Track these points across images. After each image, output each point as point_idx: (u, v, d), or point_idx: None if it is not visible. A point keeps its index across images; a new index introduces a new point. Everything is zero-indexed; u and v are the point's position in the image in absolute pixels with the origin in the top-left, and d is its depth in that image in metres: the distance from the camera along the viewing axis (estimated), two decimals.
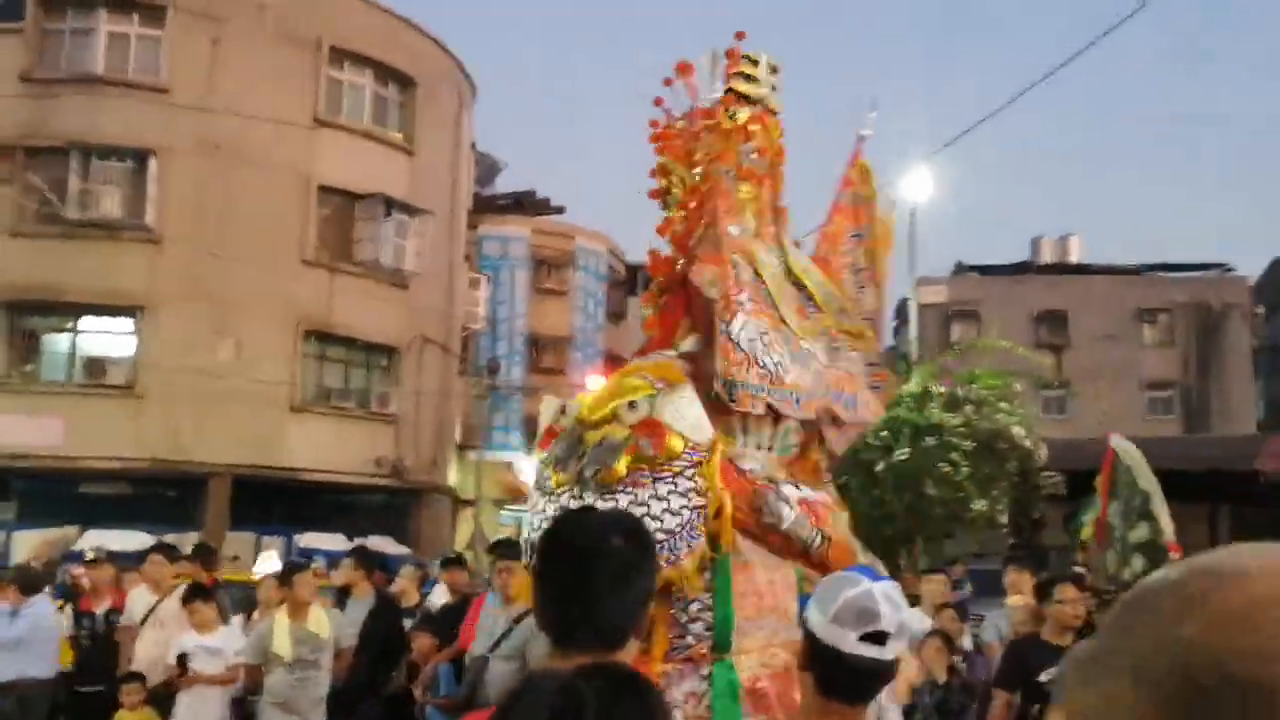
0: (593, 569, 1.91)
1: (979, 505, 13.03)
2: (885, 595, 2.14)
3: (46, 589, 8.59)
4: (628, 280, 34.80)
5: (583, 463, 3.36)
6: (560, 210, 34.76)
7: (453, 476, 25.40)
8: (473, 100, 26.64)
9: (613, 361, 33.31)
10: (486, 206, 31.85)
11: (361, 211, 21.86)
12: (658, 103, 3.90)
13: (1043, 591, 5.61)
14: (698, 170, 3.80)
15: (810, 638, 2.17)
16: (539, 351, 32.61)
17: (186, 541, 12.25)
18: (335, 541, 18.14)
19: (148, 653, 7.80)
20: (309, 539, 18.83)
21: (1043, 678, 4.88)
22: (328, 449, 20.44)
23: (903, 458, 12.75)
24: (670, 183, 3.93)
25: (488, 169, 33.53)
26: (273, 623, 7.04)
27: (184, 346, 19.19)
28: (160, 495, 19.99)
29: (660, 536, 3.10)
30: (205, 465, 19.20)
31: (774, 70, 3.96)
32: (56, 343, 20.32)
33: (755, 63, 3.90)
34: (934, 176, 19.93)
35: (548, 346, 32.61)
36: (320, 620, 7.04)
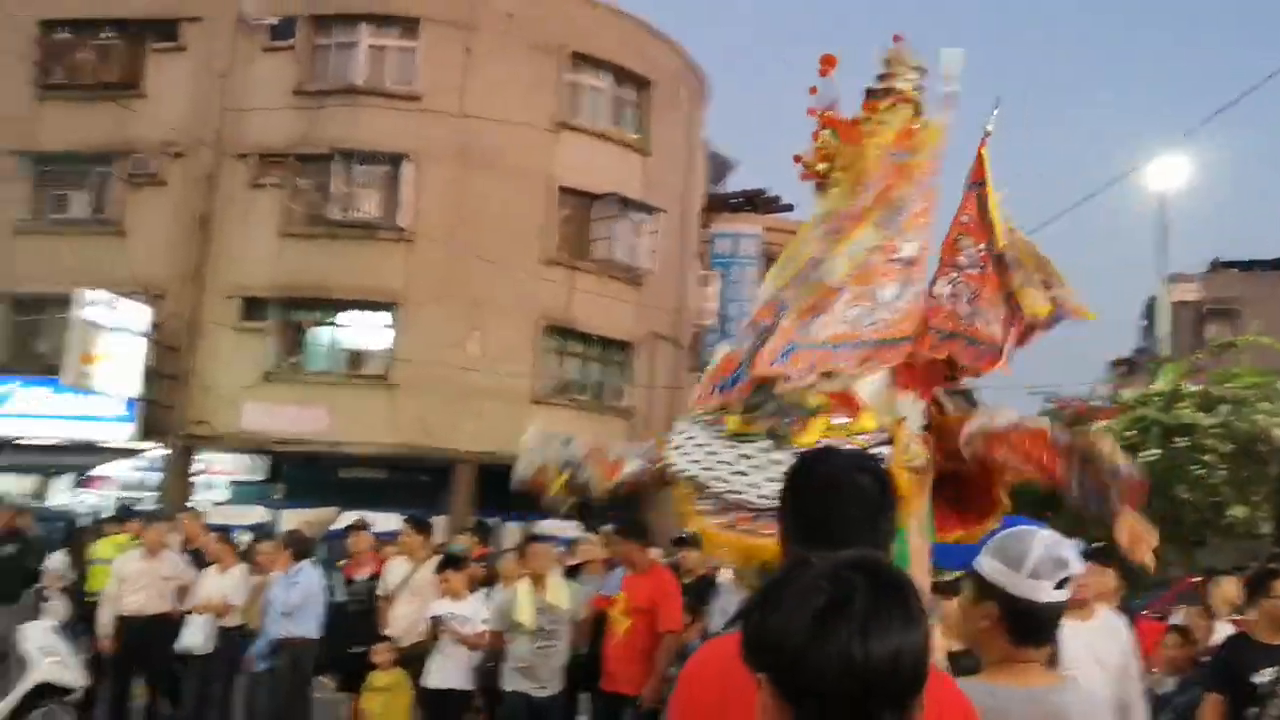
0: (843, 506, 1.98)
1: (1237, 511, 12.24)
2: (1061, 540, 2.33)
3: (310, 559, 9.23)
4: None
5: (779, 413, 3.41)
6: (790, 208, 34.69)
7: None
8: (706, 99, 26.97)
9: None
10: (719, 204, 32.13)
11: (598, 211, 22.52)
12: (813, 91, 4.00)
13: (1255, 587, 5.18)
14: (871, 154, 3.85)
15: (1000, 593, 2.28)
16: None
17: (435, 525, 12.95)
18: (570, 529, 18.73)
19: (403, 617, 8.33)
20: (547, 525, 19.52)
21: (1256, 679, 4.59)
22: None
23: (1151, 459, 12.12)
24: (832, 165, 3.99)
25: (720, 167, 33.79)
26: (516, 593, 7.39)
27: (435, 340, 20.31)
28: (412, 480, 21.19)
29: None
30: (453, 452, 20.24)
31: (923, 72, 4.04)
32: (321, 336, 21.87)
33: (915, 67, 4.00)
34: (1187, 164, 18.69)
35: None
36: (560, 592, 7.33)
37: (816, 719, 1.36)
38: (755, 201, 33.49)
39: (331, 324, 21.78)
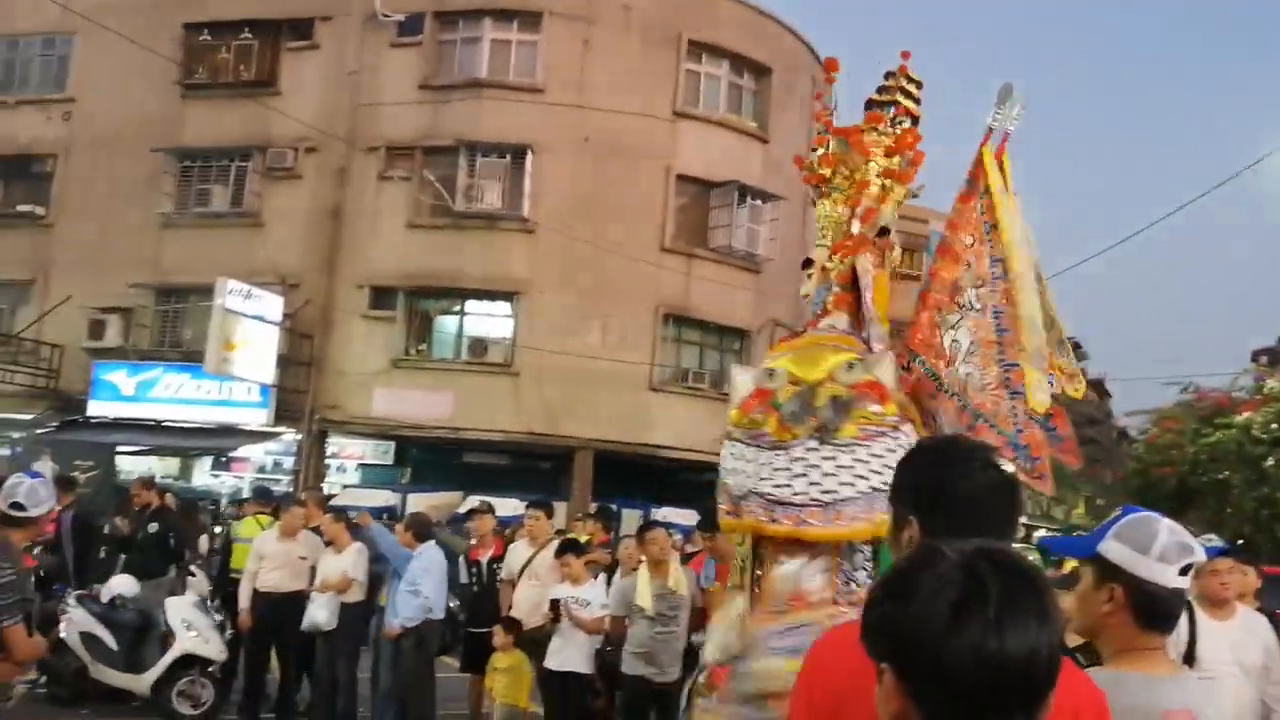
0: (981, 496, 1.99)
1: None
2: (1183, 529, 2.32)
3: (434, 541, 9.45)
4: None
5: (820, 418, 3.62)
6: (912, 195, 34.15)
7: None
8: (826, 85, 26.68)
9: None
10: None
11: (717, 199, 22.53)
12: (817, 97, 4.28)
13: None
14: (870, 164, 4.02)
15: (1126, 576, 2.26)
16: (891, 336, 32.13)
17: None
18: (688, 517, 18.80)
19: (524, 600, 8.53)
20: (664, 513, 19.64)
21: None
22: (684, 428, 21.26)
23: None
24: (836, 171, 4.21)
25: None
26: (636, 578, 7.51)
27: (555, 329, 20.63)
28: (533, 466, 21.57)
29: (872, 490, 3.46)
30: (573, 439, 20.54)
31: (919, 85, 4.26)
32: (446, 324, 22.40)
33: (916, 82, 4.22)
34: None
35: (900, 331, 32.10)
36: (679, 578, 7.40)
37: (942, 713, 1.32)
38: None
39: (457, 312, 22.28)
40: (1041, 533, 31.66)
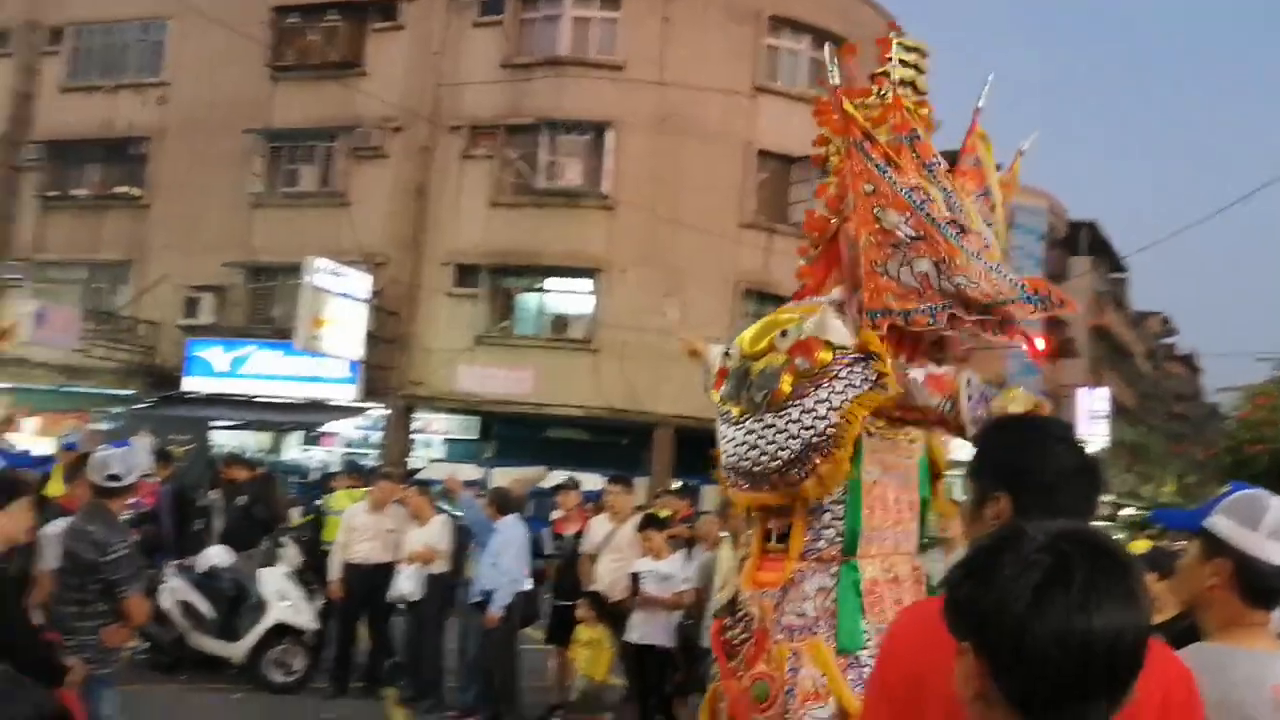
0: (1066, 475, 2.01)
1: None
2: None
3: (516, 514, 9.58)
4: (1069, 239, 32.89)
5: (752, 391, 3.82)
6: (995, 167, 33.52)
7: None
8: None
9: (1051, 325, 31.70)
10: None
11: (798, 174, 22.36)
12: (821, 82, 4.43)
13: None
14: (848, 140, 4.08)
15: (1234, 551, 2.26)
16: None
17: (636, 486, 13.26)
18: None
19: (606, 574, 8.64)
20: None
21: None
22: None
23: None
24: (829, 151, 4.35)
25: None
26: (718, 553, 7.57)
27: (635, 305, 20.69)
28: (613, 442, 21.71)
29: (819, 439, 3.67)
30: (653, 416, 20.64)
31: (923, 54, 4.40)
32: (528, 301, 22.63)
33: (910, 49, 4.36)
34: None
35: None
36: None
37: (1025, 694, 1.30)
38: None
39: (538, 289, 22.48)
40: (1129, 510, 30.99)
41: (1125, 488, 32.29)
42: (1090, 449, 2.15)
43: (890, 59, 4.35)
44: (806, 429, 3.71)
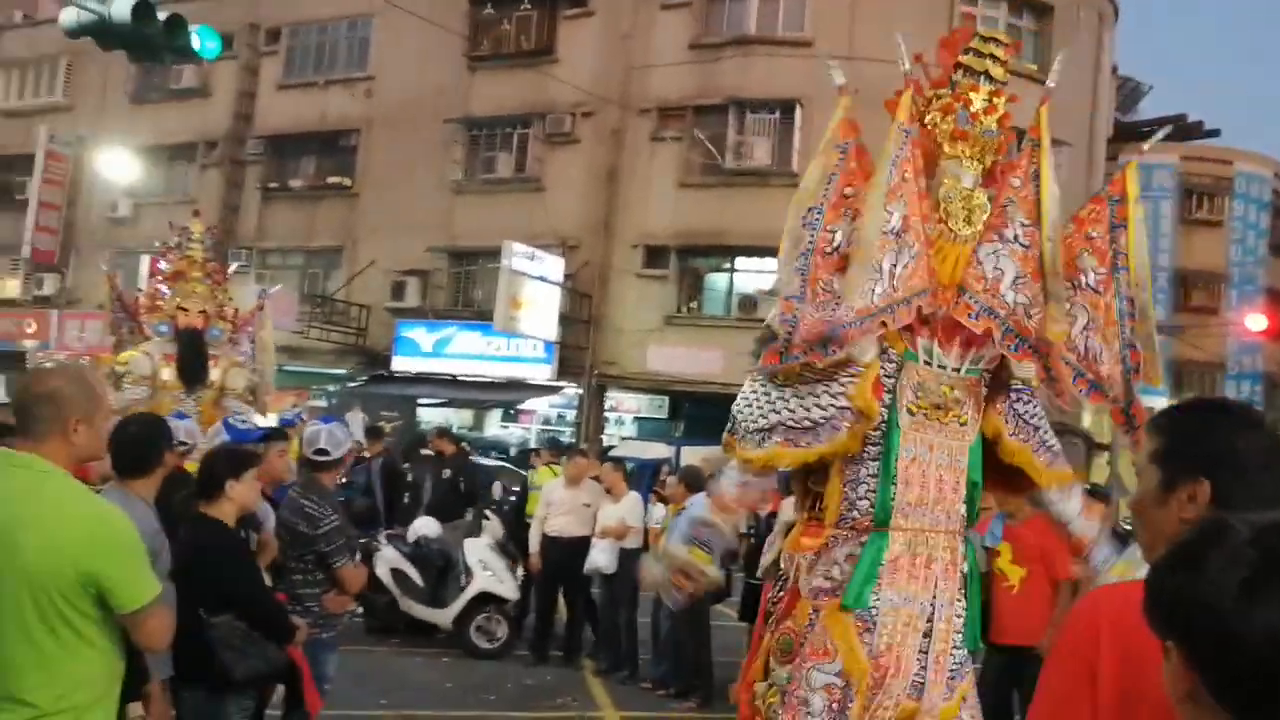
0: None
1: None
2: None
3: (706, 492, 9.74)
4: None
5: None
6: (1215, 133, 31.56)
7: (1087, 418, 24.45)
8: (1114, 22, 25.07)
9: (1275, 298, 29.72)
10: (1129, 134, 29.86)
11: None
12: (1009, 51, 4.44)
13: None
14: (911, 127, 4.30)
15: None
16: (1187, 288, 30.05)
17: None
18: None
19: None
20: None
21: None
22: None
23: None
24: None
25: (1130, 94, 31.37)
26: None
27: None
28: None
29: (810, 423, 3.97)
30: None
31: (1000, 44, 4.42)
32: (716, 282, 22.77)
33: (987, 40, 4.41)
34: None
35: (1198, 283, 29.95)
36: None
37: (1236, 693, 1.26)
38: (1172, 128, 30.79)
39: (726, 270, 22.59)
40: None
41: None
42: None
43: (969, 50, 4.45)
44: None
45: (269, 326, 9.71)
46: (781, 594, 4.18)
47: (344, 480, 12.76)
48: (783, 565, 4.26)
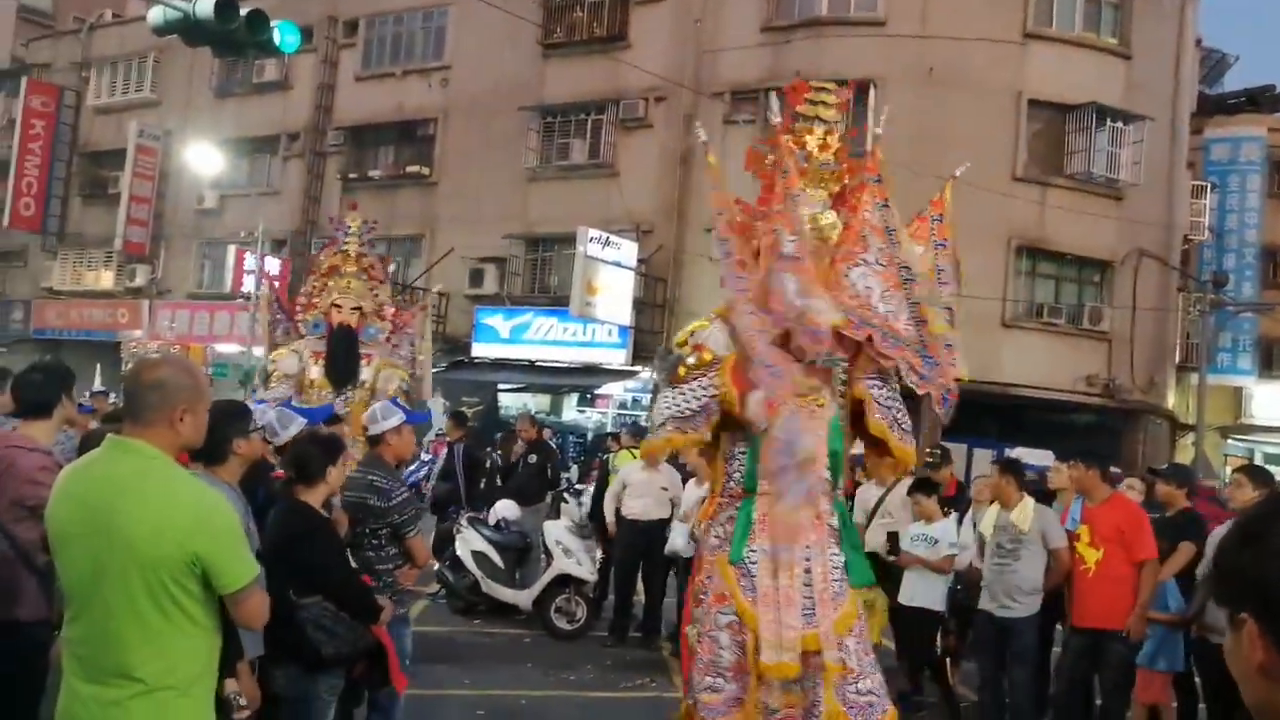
0: None
1: None
2: None
3: None
4: None
5: (658, 378, 5.09)
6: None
7: (1171, 399, 23.98)
8: None
9: None
10: (1214, 107, 29.06)
11: (1073, 123, 21.31)
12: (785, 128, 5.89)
13: None
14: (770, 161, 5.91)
15: None
16: (1275, 265, 29.23)
17: None
18: (1044, 458, 18.14)
19: (875, 537, 8.71)
20: (1018, 453, 19.04)
21: None
22: (1038, 365, 20.49)
23: None
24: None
25: (1215, 66, 30.49)
26: (985, 512, 7.54)
27: None
28: None
29: (690, 412, 5.10)
30: None
31: (830, 93, 5.90)
32: None
33: (823, 90, 5.96)
34: None
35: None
36: (1024, 513, 7.12)
37: None
38: (1259, 100, 29.86)
39: None
40: None
41: None
42: None
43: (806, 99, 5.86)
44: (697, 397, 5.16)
45: (429, 328, 9.66)
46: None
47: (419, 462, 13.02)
48: (695, 533, 5.35)
